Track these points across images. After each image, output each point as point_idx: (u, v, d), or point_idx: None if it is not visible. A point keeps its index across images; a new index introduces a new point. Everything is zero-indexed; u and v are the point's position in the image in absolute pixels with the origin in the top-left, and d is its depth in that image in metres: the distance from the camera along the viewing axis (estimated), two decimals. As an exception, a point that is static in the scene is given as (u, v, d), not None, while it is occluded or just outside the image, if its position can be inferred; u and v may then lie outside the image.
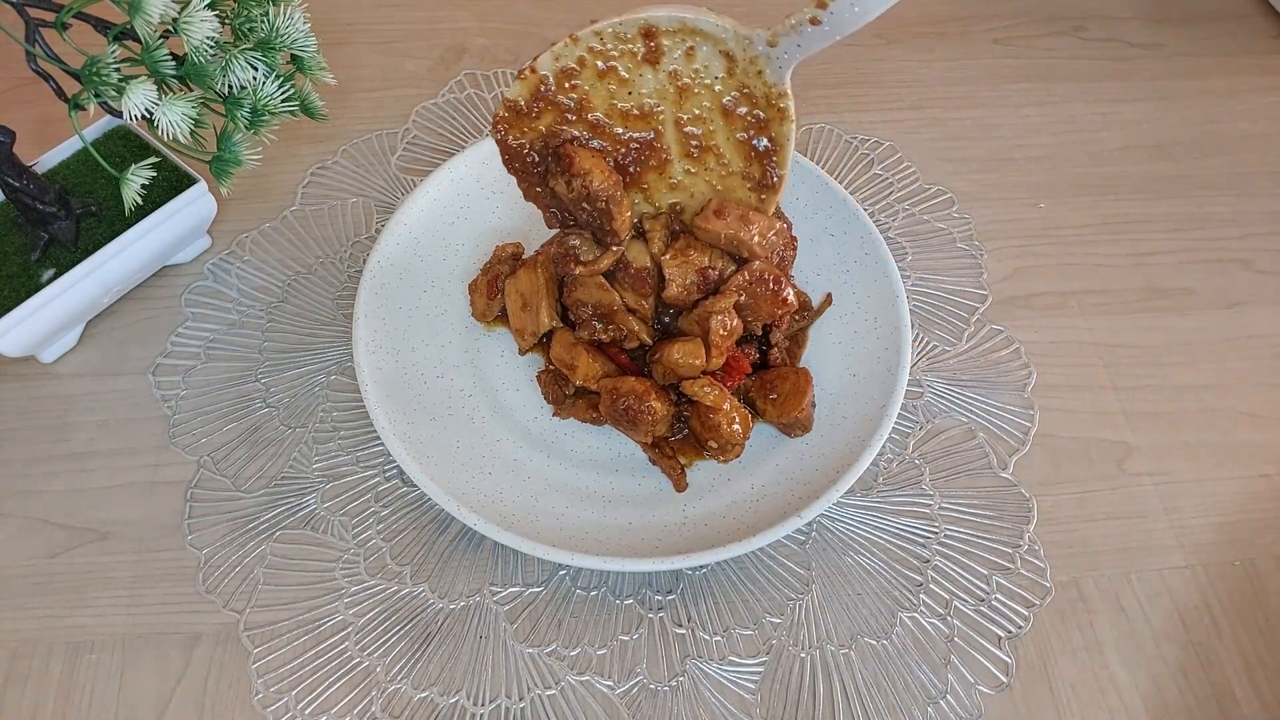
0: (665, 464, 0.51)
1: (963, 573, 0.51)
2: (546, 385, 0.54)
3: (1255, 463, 0.56)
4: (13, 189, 0.50)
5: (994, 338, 0.60)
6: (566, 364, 0.52)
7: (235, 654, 0.47)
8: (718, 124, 0.47)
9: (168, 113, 0.44)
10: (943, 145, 0.69)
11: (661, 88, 0.46)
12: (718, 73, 0.46)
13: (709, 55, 0.45)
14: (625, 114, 0.47)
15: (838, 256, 0.57)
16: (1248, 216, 0.67)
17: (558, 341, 0.53)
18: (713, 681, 0.47)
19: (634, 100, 0.46)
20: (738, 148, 0.48)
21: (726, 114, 0.47)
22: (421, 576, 0.49)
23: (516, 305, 0.54)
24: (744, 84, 0.46)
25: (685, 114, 0.47)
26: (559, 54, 0.45)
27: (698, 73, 0.46)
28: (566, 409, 0.53)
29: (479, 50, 0.73)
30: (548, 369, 0.54)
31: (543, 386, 0.54)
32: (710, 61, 0.45)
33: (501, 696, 0.46)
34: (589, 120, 0.47)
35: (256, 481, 0.52)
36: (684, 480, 0.51)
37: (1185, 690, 0.49)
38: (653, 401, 0.49)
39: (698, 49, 0.45)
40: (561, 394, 0.53)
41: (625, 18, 0.44)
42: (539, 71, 0.45)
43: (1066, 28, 0.78)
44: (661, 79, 0.46)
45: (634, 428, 0.50)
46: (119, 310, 0.58)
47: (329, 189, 0.64)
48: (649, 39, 0.44)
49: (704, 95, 0.46)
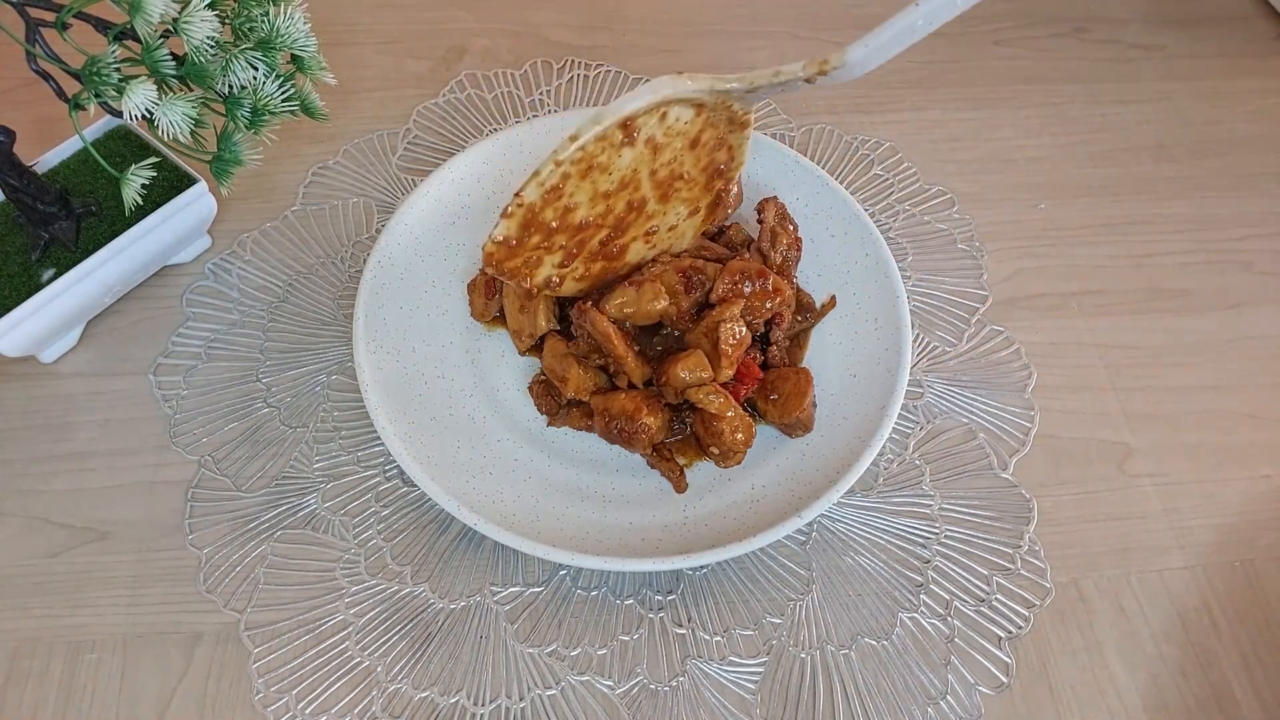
0: (664, 466, 0.51)
1: (963, 573, 0.51)
2: (539, 396, 0.54)
3: (1255, 464, 0.56)
4: (13, 189, 0.50)
5: (994, 338, 0.60)
6: (558, 375, 0.52)
7: (236, 654, 0.47)
8: (685, 155, 0.48)
9: (168, 112, 0.44)
10: (943, 146, 0.69)
11: (637, 155, 0.46)
12: (687, 119, 0.46)
13: (680, 110, 0.45)
14: (607, 195, 0.47)
15: (839, 257, 0.57)
16: (1248, 217, 0.67)
17: (549, 351, 0.52)
18: (713, 682, 0.47)
19: (614, 178, 0.47)
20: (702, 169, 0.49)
21: (694, 145, 0.48)
22: (422, 576, 0.49)
23: (515, 307, 0.54)
24: (711, 120, 0.47)
25: (658, 163, 0.47)
26: (544, 179, 0.45)
27: (670, 129, 0.46)
28: (560, 419, 0.53)
29: (480, 50, 0.73)
30: (540, 379, 0.54)
31: (535, 398, 0.54)
32: (681, 114, 0.46)
33: (502, 696, 0.46)
34: (574, 226, 0.47)
35: (257, 481, 0.52)
36: (684, 481, 0.51)
37: (1185, 691, 0.49)
38: (644, 419, 0.49)
39: (670, 111, 0.45)
40: (555, 404, 0.53)
41: (605, 123, 0.44)
42: (525, 202, 0.45)
43: (1067, 29, 0.78)
44: (638, 150, 0.46)
45: (631, 445, 0.50)
46: (119, 310, 0.58)
47: (330, 189, 0.64)
48: (627, 127, 0.44)
49: (675, 140, 0.47)
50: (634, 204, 0.48)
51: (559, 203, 0.46)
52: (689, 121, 0.46)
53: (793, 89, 0.44)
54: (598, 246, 0.50)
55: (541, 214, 0.46)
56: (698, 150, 0.48)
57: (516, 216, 0.46)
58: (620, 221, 0.49)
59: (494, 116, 0.68)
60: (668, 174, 0.48)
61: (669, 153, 0.47)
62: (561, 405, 0.53)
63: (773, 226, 0.54)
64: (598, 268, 0.51)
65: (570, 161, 0.44)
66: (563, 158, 0.44)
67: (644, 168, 0.47)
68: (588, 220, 0.48)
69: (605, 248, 0.50)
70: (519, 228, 0.46)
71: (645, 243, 0.51)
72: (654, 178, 0.48)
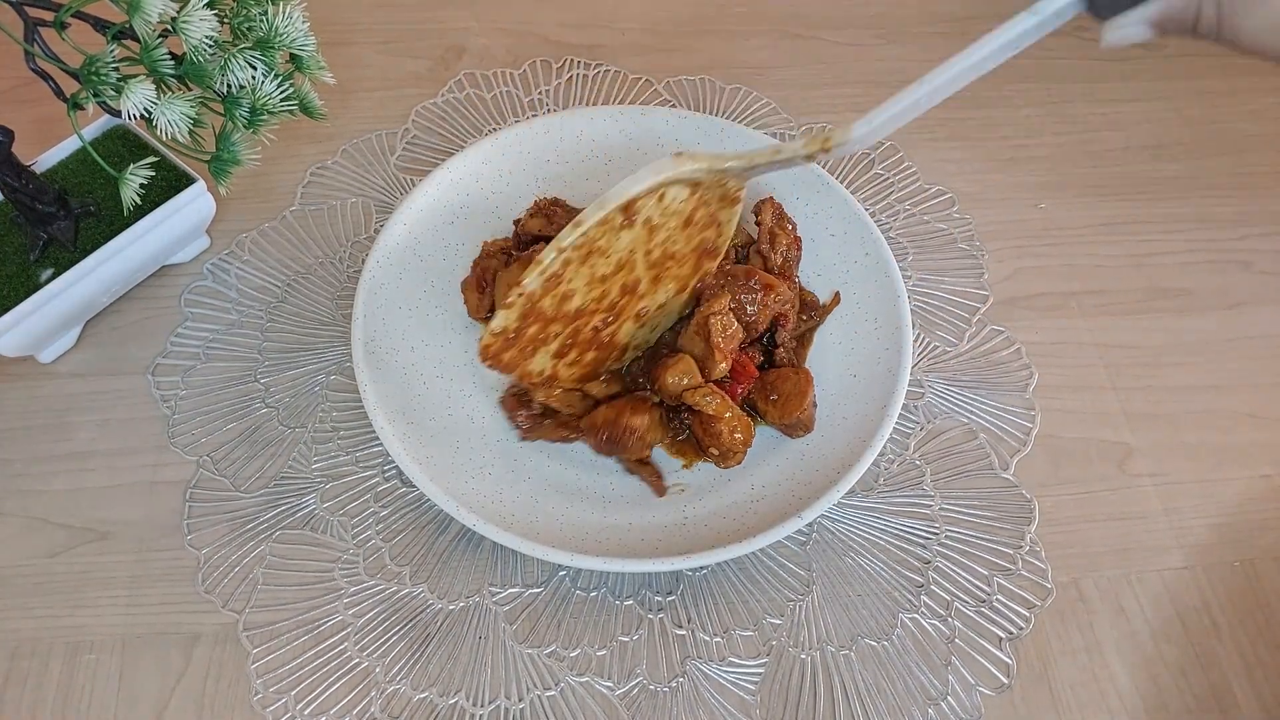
0: (642, 471, 0.51)
1: (963, 574, 0.51)
2: (511, 409, 0.52)
3: (1255, 463, 0.56)
4: (12, 189, 0.50)
5: (995, 338, 0.60)
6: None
7: (234, 654, 0.47)
8: (678, 235, 0.48)
9: (166, 112, 0.44)
10: (944, 145, 0.69)
11: (635, 236, 0.46)
12: (682, 198, 0.46)
13: (677, 190, 0.46)
14: (604, 278, 0.47)
15: (839, 257, 0.57)
16: (1249, 217, 0.67)
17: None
18: (713, 682, 0.47)
19: (612, 261, 0.47)
20: (693, 249, 0.50)
21: (687, 224, 0.48)
22: (421, 577, 0.49)
23: (504, 298, 0.54)
24: (704, 198, 0.47)
25: (653, 244, 0.48)
26: (546, 268, 0.44)
27: (666, 209, 0.46)
28: (535, 430, 0.52)
29: (479, 50, 0.72)
30: (511, 391, 0.53)
31: (507, 411, 0.52)
32: (678, 193, 0.46)
33: (501, 697, 0.46)
34: (570, 314, 0.47)
35: (256, 481, 0.52)
36: (663, 485, 0.51)
37: (1185, 691, 0.49)
38: (628, 420, 0.49)
39: (668, 191, 0.45)
40: (528, 416, 0.52)
41: (609, 206, 0.44)
42: (526, 291, 0.45)
43: (1067, 28, 0.77)
44: (636, 231, 0.46)
45: (625, 450, 0.49)
46: (118, 310, 0.58)
47: (328, 189, 0.64)
48: (628, 209, 0.45)
49: (670, 220, 0.47)
50: (628, 286, 0.49)
51: (558, 289, 0.46)
52: (684, 200, 0.46)
53: (793, 165, 0.44)
54: (591, 334, 0.50)
55: (540, 303, 0.46)
56: (689, 230, 0.48)
57: (516, 306, 0.45)
58: (614, 306, 0.49)
59: (493, 116, 0.68)
60: (661, 254, 0.48)
61: (664, 232, 0.47)
62: (534, 415, 0.52)
63: (771, 227, 0.54)
64: (590, 357, 0.51)
65: (573, 247, 0.44)
66: (566, 244, 0.44)
67: (640, 249, 0.47)
68: (584, 308, 0.48)
69: (598, 335, 0.50)
70: (518, 317, 0.46)
71: (635, 322, 0.51)
72: (648, 259, 0.48)
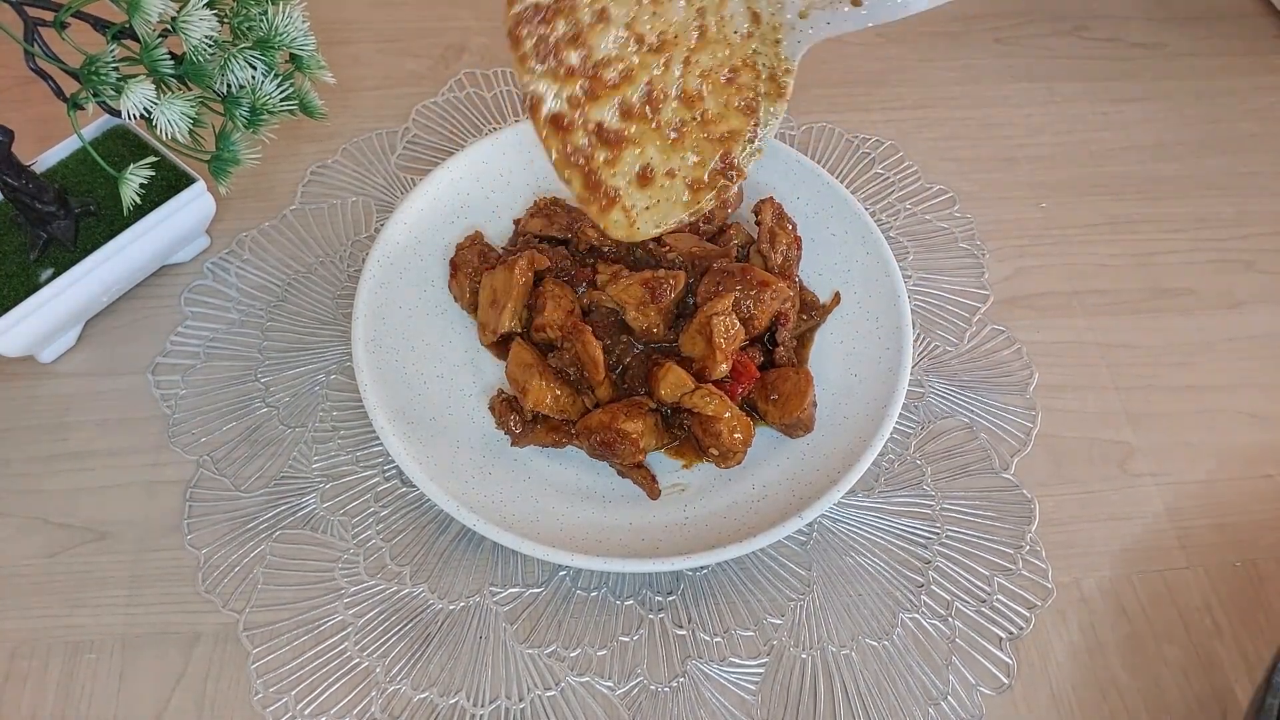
0: (635, 474, 0.51)
1: (964, 573, 0.51)
2: (502, 414, 0.51)
3: (1257, 463, 0.56)
4: (11, 188, 0.50)
5: (995, 338, 0.59)
6: (519, 384, 0.50)
7: (235, 654, 0.47)
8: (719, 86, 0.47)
9: (166, 112, 0.44)
10: (944, 145, 0.69)
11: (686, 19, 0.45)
12: (739, 28, 0.45)
13: (738, 5, 0.44)
14: (641, 40, 0.45)
15: (839, 256, 0.57)
16: (1250, 217, 0.67)
17: (515, 359, 0.51)
18: (713, 682, 0.47)
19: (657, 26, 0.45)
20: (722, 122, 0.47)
21: (730, 80, 0.46)
22: (421, 577, 0.49)
23: (487, 299, 0.54)
24: (757, 50, 0.45)
25: (695, 59, 0.46)
26: None
27: (722, 20, 0.45)
28: (525, 437, 0.51)
29: (479, 49, 0.72)
30: (501, 397, 0.52)
31: (497, 415, 0.52)
32: (737, 12, 0.44)
33: (501, 697, 0.46)
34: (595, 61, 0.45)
35: (256, 481, 0.52)
36: (656, 488, 0.50)
37: (1186, 691, 0.49)
38: (622, 425, 0.48)
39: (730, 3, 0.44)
40: (519, 421, 0.51)
41: None
42: None
43: (1069, 27, 0.78)
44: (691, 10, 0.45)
45: (620, 455, 0.49)
46: (118, 310, 0.58)
47: (329, 188, 0.64)
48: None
49: (720, 49, 0.45)
50: (654, 90, 0.46)
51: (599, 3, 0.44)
52: (741, 37, 0.45)
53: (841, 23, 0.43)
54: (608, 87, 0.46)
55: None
56: (729, 90, 0.46)
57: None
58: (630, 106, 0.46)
59: (493, 115, 0.68)
60: (695, 88, 0.46)
61: (708, 55, 0.45)
62: (526, 421, 0.51)
63: (771, 227, 0.54)
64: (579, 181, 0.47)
65: None
66: None
67: (683, 44, 0.45)
68: (608, 57, 0.45)
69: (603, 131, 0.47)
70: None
71: (639, 187, 0.48)
72: (685, 76, 0.46)
